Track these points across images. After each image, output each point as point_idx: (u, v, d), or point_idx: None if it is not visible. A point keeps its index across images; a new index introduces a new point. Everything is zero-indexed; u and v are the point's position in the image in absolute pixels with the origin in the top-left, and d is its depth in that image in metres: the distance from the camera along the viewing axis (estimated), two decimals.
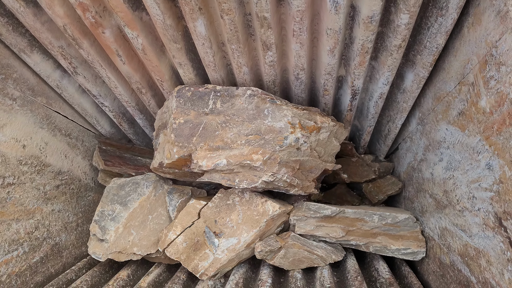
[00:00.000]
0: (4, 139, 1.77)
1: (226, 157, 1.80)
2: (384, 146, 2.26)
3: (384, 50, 1.59)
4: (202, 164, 1.81)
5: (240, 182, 1.83)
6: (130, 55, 1.79)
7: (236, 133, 1.81)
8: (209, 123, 1.84)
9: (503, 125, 1.12)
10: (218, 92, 1.86)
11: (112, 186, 2.21)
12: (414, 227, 1.91)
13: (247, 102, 1.83)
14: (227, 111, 1.84)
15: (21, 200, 1.84)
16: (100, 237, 2.08)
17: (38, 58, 1.88)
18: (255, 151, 1.77)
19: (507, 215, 1.10)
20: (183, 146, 1.84)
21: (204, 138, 1.83)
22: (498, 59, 1.14)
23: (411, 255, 1.89)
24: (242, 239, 1.91)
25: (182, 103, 1.87)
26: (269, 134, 1.78)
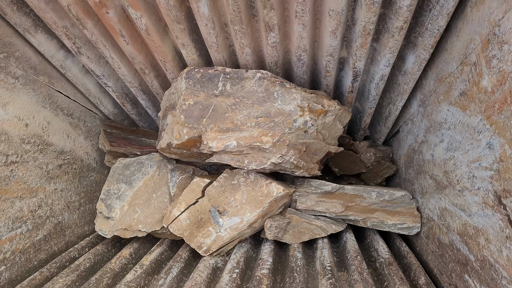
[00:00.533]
0: (7, 117, 1.78)
1: (236, 138, 1.82)
2: (384, 128, 2.28)
3: (386, 32, 1.59)
4: (212, 145, 1.84)
5: (249, 164, 1.87)
6: (133, 36, 1.79)
7: (246, 115, 1.83)
8: (219, 105, 1.86)
9: (505, 104, 1.13)
10: (228, 74, 1.87)
11: (117, 166, 2.25)
12: (410, 204, 1.99)
13: (257, 84, 1.84)
14: (236, 94, 1.85)
15: (24, 178, 1.86)
16: (106, 215, 2.14)
17: (42, 38, 1.89)
18: (265, 133, 1.79)
19: (507, 193, 1.12)
20: (193, 127, 1.86)
21: (214, 120, 1.86)
22: (501, 38, 1.15)
23: (406, 229, 1.98)
24: (245, 218, 1.95)
25: (191, 84, 1.87)
26: (279, 117, 1.79)
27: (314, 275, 1.74)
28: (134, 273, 1.76)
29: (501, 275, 1.16)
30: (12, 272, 1.75)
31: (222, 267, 1.93)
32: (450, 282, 1.54)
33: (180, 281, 1.80)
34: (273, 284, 1.70)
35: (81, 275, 1.81)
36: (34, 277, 1.76)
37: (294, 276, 1.67)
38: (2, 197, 1.72)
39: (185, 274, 1.88)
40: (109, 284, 1.75)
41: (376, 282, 1.72)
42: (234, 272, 1.75)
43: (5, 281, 1.71)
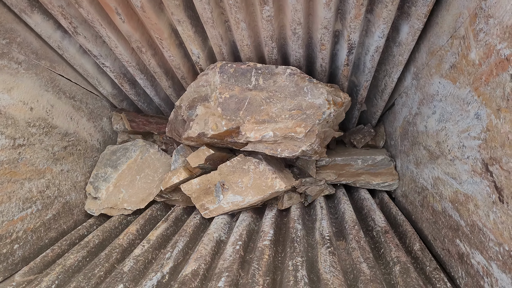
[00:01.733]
0: (12, 102, 1.83)
1: (272, 129, 1.99)
2: (381, 101, 2.31)
3: (379, 3, 1.61)
4: (250, 136, 2.01)
5: (282, 151, 2.04)
6: (129, 14, 1.81)
7: (280, 108, 2.01)
8: (253, 98, 2.03)
9: (491, 76, 1.16)
10: (259, 70, 2.04)
11: (106, 153, 2.52)
12: (389, 165, 2.37)
13: (288, 80, 2.01)
14: (269, 88, 2.02)
15: (31, 160, 1.92)
16: (93, 196, 2.33)
17: (39, 19, 1.91)
18: (298, 124, 1.97)
19: (493, 160, 1.17)
20: (231, 119, 2.03)
21: (250, 112, 2.02)
22: (487, 12, 1.17)
23: (388, 186, 2.39)
24: (247, 199, 2.15)
25: (226, 78, 2.05)
26: (310, 110, 1.97)
27: (314, 245, 1.81)
28: (141, 247, 1.84)
29: (489, 237, 1.22)
30: (25, 250, 1.83)
31: (226, 240, 2.00)
32: (443, 247, 1.61)
33: (185, 254, 1.87)
34: (275, 254, 1.77)
35: (91, 251, 1.89)
36: (46, 254, 1.85)
37: (295, 246, 1.74)
38: (12, 179, 1.78)
39: (190, 247, 1.96)
40: (118, 259, 1.83)
41: (373, 250, 1.80)
42: (237, 244, 1.82)
43: (19, 259, 1.79)
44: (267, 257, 1.68)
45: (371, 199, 2.24)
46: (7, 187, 1.76)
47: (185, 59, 2.18)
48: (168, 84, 2.34)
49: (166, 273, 1.66)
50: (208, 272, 1.69)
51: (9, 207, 1.76)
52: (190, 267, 1.64)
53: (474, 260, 1.33)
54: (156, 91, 2.50)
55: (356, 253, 1.66)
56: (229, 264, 1.64)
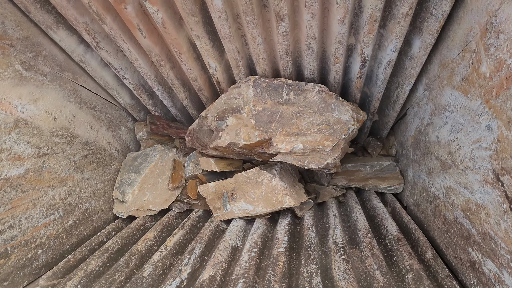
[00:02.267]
0: (38, 112, 1.90)
1: (302, 142, 2.10)
2: (393, 111, 2.35)
3: (392, 18, 1.66)
4: (281, 147, 2.12)
5: (309, 163, 2.15)
6: (150, 29, 1.88)
7: (309, 122, 2.12)
8: (285, 112, 2.14)
9: (501, 89, 1.21)
10: (290, 86, 2.15)
11: (127, 159, 2.65)
12: (395, 170, 2.58)
13: (317, 96, 2.12)
14: (299, 103, 2.14)
15: (55, 168, 1.99)
16: (121, 199, 2.45)
17: (64, 34, 1.99)
18: (326, 138, 2.09)
19: (504, 171, 1.21)
20: (264, 131, 2.14)
21: (281, 125, 2.14)
22: (497, 27, 1.22)
23: (394, 190, 2.58)
24: (257, 209, 2.27)
25: (259, 92, 2.17)
26: (337, 125, 2.10)
27: (328, 252, 1.85)
28: (160, 254, 1.89)
29: (500, 246, 1.25)
30: (48, 255, 1.89)
31: (241, 247, 2.05)
32: (455, 255, 1.64)
33: (202, 260, 1.92)
34: (289, 261, 1.82)
35: (111, 257, 1.95)
36: (68, 259, 1.91)
37: (309, 254, 1.78)
38: (37, 187, 1.85)
39: (207, 254, 2.01)
40: (137, 264, 1.89)
41: (385, 257, 1.83)
42: (253, 251, 1.87)
43: (43, 264, 1.85)
44: (282, 264, 1.72)
45: (383, 208, 2.27)
46: (32, 194, 1.83)
47: (202, 72, 2.25)
48: (185, 95, 2.41)
49: (184, 278, 1.71)
50: (225, 278, 1.73)
51: (33, 213, 1.83)
52: (207, 273, 1.69)
53: (486, 267, 1.36)
54: (173, 102, 2.57)
55: (369, 261, 1.70)
56: (245, 270, 1.68)
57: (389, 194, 2.62)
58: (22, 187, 1.77)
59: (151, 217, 2.47)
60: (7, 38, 1.75)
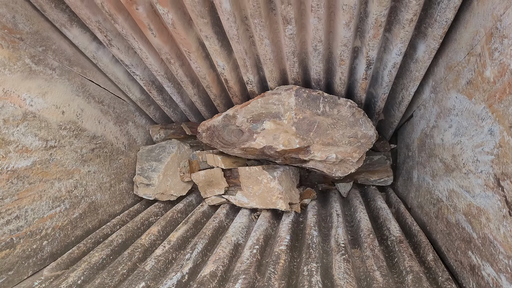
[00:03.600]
0: (46, 105, 1.93)
1: (335, 152, 2.28)
2: (398, 112, 2.36)
3: (397, 23, 1.67)
4: (317, 155, 2.29)
5: (336, 171, 2.37)
6: (160, 29, 1.90)
7: (342, 134, 2.27)
8: (321, 123, 2.27)
9: (504, 94, 1.21)
10: (326, 98, 2.27)
11: (142, 152, 2.80)
12: (385, 163, 2.79)
13: (348, 111, 2.25)
14: (334, 115, 2.27)
15: (61, 161, 2.02)
16: (147, 183, 2.63)
17: (77, 32, 2.03)
18: (354, 150, 2.27)
19: (505, 176, 1.22)
20: (304, 139, 2.27)
21: (318, 134, 2.27)
22: (502, 32, 1.23)
23: (383, 182, 2.79)
24: (251, 204, 2.50)
25: (300, 102, 2.26)
26: (363, 139, 2.26)
27: (329, 252, 1.86)
28: (162, 248, 1.92)
29: (499, 250, 1.26)
30: (53, 246, 1.93)
31: (243, 243, 2.07)
32: (456, 258, 1.65)
33: (204, 256, 1.95)
34: (290, 259, 1.83)
35: (115, 250, 1.98)
36: (72, 251, 1.94)
37: (310, 252, 1.80)
38: (44, 179, 1.89)
39: (209, 249, 2.03)
40: (140, 258, 1.92)
41: (387, 258, 1.84)
42: (254, 248, 1.89)
43: (48, 255, 1.89)
44: (283, 261, 1.73)
45: (387, 209, 2.28)
46: (39, 186, 1.86)
47: (211, 70, 2.27)
48: (194, 92, 2.44)
49: (185, 273, 1.73)
50: (226, 274, 1.76)
51: (40, 205, 1.86)
52: (208, 268, 1.71)
53: (485, 272, 1.37)
54: (182, 98, 2.60)
55: (370, 261, 1.71)
56: (246, 267, 1.70)
57: (394, 195, 2.63)
58: (29, 179, 1.80)
59: (155, 212, 2.49)
60: (17, 32, 1.78)
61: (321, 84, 2.21)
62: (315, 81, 2.19)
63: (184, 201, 2.66)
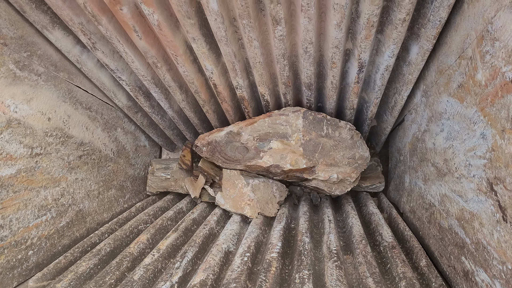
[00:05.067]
0: (31, 112, 1.89)
1: (337, 172, 2.42)
2: (391, 117, 2.34)
3: (390, 24, 1.65)
4: (321, 175, 2.43)
5: (335, 190, 2.51)
6: (146, 31, 1.87)
7: (342, 156, 2.42)
8: (325, 144, 2.42)
9: (496, 97, 1.20)
10: (328, 121, 2.43)
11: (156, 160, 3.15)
12: (376, 169, 2.85)
13: (348, 134, 2.42)
14: (335, 137, 2.42)
15: (48, 169, 1.98)
16: (165, 177, 2.97)
17: (59, 34, 1.98)
18: (352, 170, 2.43)
19: (498, 180, 1.20)
20: (310, 159, 2.41)
21: (322, 155, 2.42)
22: (493, 35, 1.21)
23: (375, 188, 2.82)
24: (225, 206, 2.59)
25: (307, 124, 2.41)
26: (360, 160, 2.42)
27: (321, 258, 1.84)
28: (151, 256, 1.88)
29: (493, 256, 1.24)
30: (39, 256, 1.88)
31: (234, 251, 2.04)
32: (449, 264, 1.62)
33: (194, 264, 1.91)
34: (282, 266, 1.80)
35: (102, 259, 1.93)
36: (59, 261, 1.89)
37: (302, 259, 1.77)
38: (29, 187, 1.84)
39: (199, 257, 1.99)
40: (128, 267, 1.87)
41: (379, 265, 1.82)
42: (245, 255, 1.85)
43: (33, 265, 1.84)
44: (275, 269, 1.70)
45: (379, 214, 2.26)
46: (24, 194, 1.82)
47: (199, 74, 2.23)
48: (182, 97, 2.40)
49: (175, 282, 1.69)
50: (216, 283, 1.72)
51: (25, 214, 1.82)
52: (198, 277, 1.67)
53: (479, 277, 1.34)
54: (170, 104, 2.56)
55: (362, 268, 1.68)
56: (237, 275, 1.67)
57: (386, 200, 2.61)
58: (13, 187, 1.76)
59: (145, 220, 2.45)
60: (0, 37, 1.74)
61: (312, 88, 2.19)
62: (306, 86, 2.17)
63: (174, 209, 2.61)
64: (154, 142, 3.35)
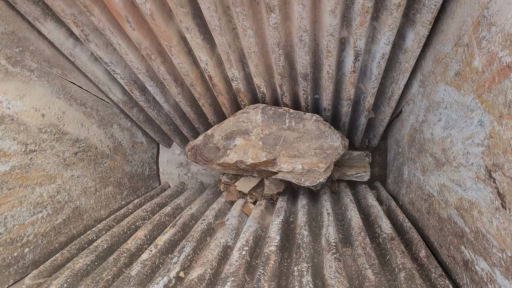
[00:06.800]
0: (25, 108, 1.87)
1: (301, 163, 2.43)
2: (388, 108, 2.32)
3: (384, 10, 1.62)
4: (284, 167, 2.45)
5: (305, 181, 2.49)
6: (139, 21, 1.84)
7: (307, 147, 2.45)
8: (287, 137, 2.46)
9: (493, 83, 1.17)
10: (292, 114, 2.49)
11: None
12: (364, 160, 2.93)
13: (314, 125, 2.46)
14: (299, 129, 2.46)
15: (43, 166, 1.96)
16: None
17: (52, 27, 1.96)
18: (321, 161, 2.43)
19: (496, 167, 1.18)
20: (270, 152, 2.46)
21: (284, 148, 2.46)
22: (489, 20, 1.19)
23: (360, 177, 2.92)
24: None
25: (266, 118, 2.49)
26: (330, 150, 2.43)
27: (320, 251, 1.82)
28: (149, 252, 1.86)
29: (492, 244, 1.22)
30: (35, 254, 1.86)
31: (232, 245, 2.02)
32: (449, 254, 1.61)
33: (192, 259, 1.89)
34: (280, 260, 1.78)
35: (100, 256, 1.92)
36: (55, 258, 1.87)
37: (301, 252, 1.75)
38: (24, 184, 1.82)
39: (197, 252, 1.98)
40: (126, 263, 1.85)
41: (378, 256, 1.80)
42: (244, 249, 1.84)
43: (30, 262, 1.82)
44: (273, 262, 1.69)
45: (378, 206, 2.24)
46: (19, 191, 1.80)
47: (194, 66, 2.21)
48: (177, 91, 2.37)
49: (172, 277, 1.68)
50: (214, 277, 1.70)
51: (20, 211, 1.80)
52: (196, 272, 1.66)
53: (479, 266, 1.33)
54: (166, 98, 2.53)
55: (361, 260, 1.67)
56: (235, 269, 1.65)
57: (385, 193, 2.60)
58: (7, 184, 1.74)
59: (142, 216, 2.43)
60: None
61: (309, 79, 2.16)
62: (302, 76, 2.14)
63: (172, 204, 2.60)
64: (151, 139, 3.33)
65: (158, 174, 3.50)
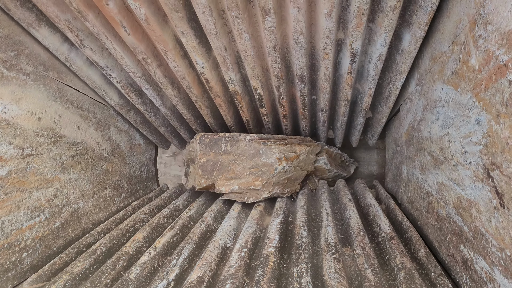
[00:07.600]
0: (21, 112, 1.86)
1: (238, 184, 2.55)
2: (386, 108, 2.32)
3: (381, 12, 1.62)
4: (222, 189, 2.59)
5: (248, 199, 2.61)
6: (134, 26, 1.84)
7: (243, 167, 2.54)
8: (223, 161, 2.56)
9: (490, 82, 1.17)
10: (227, 138, 2.57)
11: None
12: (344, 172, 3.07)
13: (248, 145, 2.54)
14: (235, 152, 2.55)
15: (40, 169, 1.95)
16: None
17: (46, 32, 1.95)
18: (256, 179, 2.54)
19: (494, 166, 1.18)
20: (208, 178, 2.59)
21: (221, 172, 2.57)
22: (486, 18, 1.19)
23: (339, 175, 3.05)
24: None
25: (203, 147, 2.59)
26: (265, 167, 2.53)
27: (319, 251, 1.82)
28: (148, 255, 1.85)
29: (491, 243, 1.22)
30: (34, 258, 1.86)
31: (231, 247, 2.02)
32: (448, 253, 1.61)
33: (191, 261, 1.89)
34: (280, 261, 1.78)
35: (98, 259, 1.91)
36: (54, 262, 1.87)
37: (300, 253, 1.75)
38: (21, 188, 1.81)
39: (196, 254, 1.97)
40: (124, 266, 1.85)
41: (378, 256, 1.80)
42: (243, 251, 1.83)
43: (28, 267, 1.81)
44: (272, 263, 1.68)
45: (377, 205, 2.24)
46: (16, 196, 1.79)
47: (190, 69, 2.20)
48: (174, 93, 2.37)
49: (171, 280, 1.67)
50: (213, 279, 1.70)
51: (17, 216, 1.79)
52: (195, 274, 1.65)
53: (478, 265, 1.33)
54: (163, 101, 2.53)
55: (361, 260, 1.66)
56: (234, 271, 1.65)
57: (383, 192, 2.60)
58: (4, 189, 1.73)
59: (141, 218, 2.42)
60: None
61: (305, 80, 2.16)
62: (299, 78, 2.14)
63: (171, 206, 2.59)
64: (149, 141, 3.32)
65: (156, 176, 3.49)
